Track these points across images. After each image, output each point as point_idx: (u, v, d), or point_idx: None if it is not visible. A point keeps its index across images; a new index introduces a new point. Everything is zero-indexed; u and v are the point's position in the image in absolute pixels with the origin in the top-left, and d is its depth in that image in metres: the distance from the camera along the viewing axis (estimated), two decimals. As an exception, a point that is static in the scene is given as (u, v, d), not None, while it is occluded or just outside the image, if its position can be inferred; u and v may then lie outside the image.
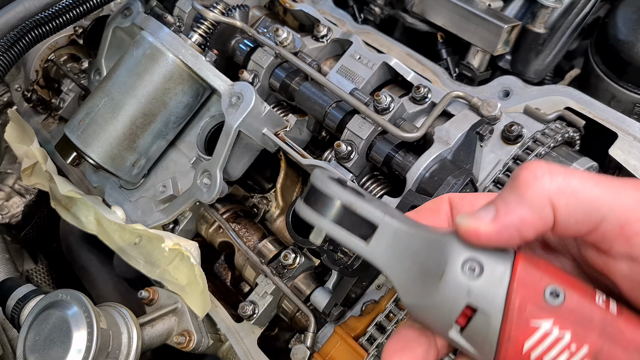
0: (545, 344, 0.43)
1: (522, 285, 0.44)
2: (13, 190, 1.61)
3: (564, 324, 0.42)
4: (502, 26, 1.05)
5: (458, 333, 0.46)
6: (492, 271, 0.45)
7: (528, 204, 0.43)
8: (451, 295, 0.45)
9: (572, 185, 0.43)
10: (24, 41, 0.98)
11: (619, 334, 0.42)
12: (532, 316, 0.43)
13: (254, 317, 1.02)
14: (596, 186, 0.43)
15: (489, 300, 0.44)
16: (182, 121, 1.12)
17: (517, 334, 0.43)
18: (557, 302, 0.43)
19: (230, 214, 1.12)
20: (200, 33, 1.13)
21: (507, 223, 0.44)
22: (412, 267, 0.48)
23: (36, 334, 0.89)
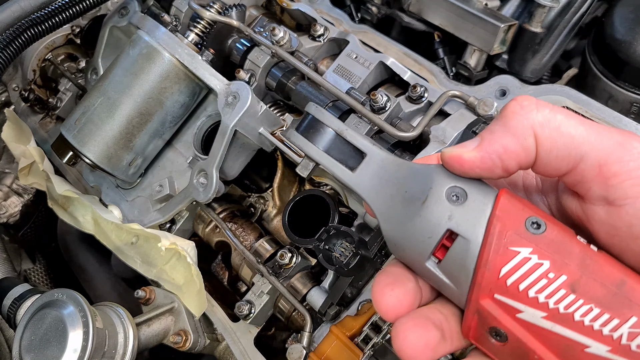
0: (523, 270, 0.43)
1: (504, 213, 0.44)
2: (11, 190, 1.61)
3: (543, 253, 0.43)
4: (499, 25, 1.05)
5: (435, 265, 0.46)
6: (475, 199, 0.45)
7: (512, 132, 0.44)
8: (433, 219, 0.46)
9: (556, 119, 0.43)
10: (19, 40, 0.98)
11: (598, 267, 0.42)
12: (512, 243, 0.43)
13: (251, 316, 1.02)
14: (580, 124, 0.43)
15: (470, 225, 0.44)
16: (178, 120, 1.12)
17: (495, 258, 0.43)
18: (538, 231, 0.43)
19: (227, 213, 1.12)
20: (196, 32, 1.13)
21: (490, 150, 0.44)
22: (395, 194, 0.48)
23: (32, 333, 0.89)
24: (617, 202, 0.41)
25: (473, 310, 0.45)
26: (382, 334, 0.89)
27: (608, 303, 0.40)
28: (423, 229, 0.46)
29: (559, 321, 0.41)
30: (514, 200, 0.45)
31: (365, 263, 0.91)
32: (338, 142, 0.50)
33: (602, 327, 0.40)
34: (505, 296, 0.43)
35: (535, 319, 0.42)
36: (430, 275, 0.47)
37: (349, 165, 0.50)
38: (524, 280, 0.42)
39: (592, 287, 0.41)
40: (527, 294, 0.42)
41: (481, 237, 0.44)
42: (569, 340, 0.41)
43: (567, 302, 0.41)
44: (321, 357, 0.91)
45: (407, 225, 0.47)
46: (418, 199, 0.47)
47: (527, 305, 0.42)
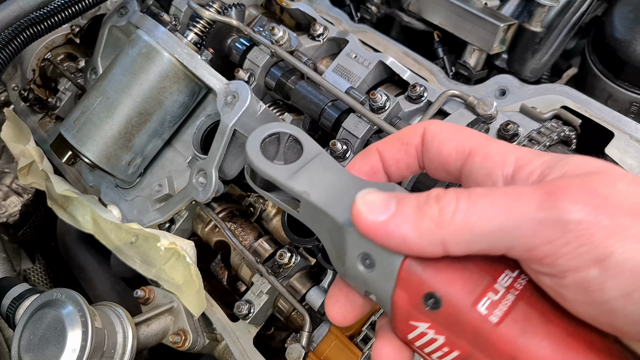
0: (423, 341, 0.46)
1: (404, 288, 0.46)
2: (10, 190, 1.61)
3: (438, 329, 0.45)
4: (499, 25, 1.05)
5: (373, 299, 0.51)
6: (381, 269, 0.47)
7: (418, 232, 0.43)
8: (353, 279, 0.50)
9: (471, 221, 0.42)
10: (18, 40, 0.98)
11: (489, 344, 0.43)
12: (412, 318, 0.46)
13: (250, 316, 1.02)
14: (496, 218, 0.42)
15: (380, 293, 0.48)
16: (177, 120, 1.12)
17: (401, 327, 0.47)
18: (434, 308, 0.45)
19: (226, 213, 1.12)
20: (196, 32, 1.13)
21: (394, 233, 0.44)
22: (330, 240, 0.51)
23: (31, 333, 0.89)
24: (559, 275, 0.41)
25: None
26: (382, 334, 0.89)
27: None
28: (351, 282, 0.51)
29: None
30: (415, 272, 0.46)
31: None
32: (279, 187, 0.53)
33: None
34: (416, 351, 0.49)
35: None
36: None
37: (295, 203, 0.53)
38: (426, 348, 0.46)
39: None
40: (430, 357, 0.47)
41: (389, 305, 0.47)
42: None
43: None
44: (320, 357, 0.91)
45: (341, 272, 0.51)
46: (342, 253, 0.49)
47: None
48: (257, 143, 0.52)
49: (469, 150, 0.49)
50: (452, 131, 0.51)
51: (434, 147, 0.51)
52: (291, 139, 0.54)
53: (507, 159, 0.46)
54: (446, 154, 0.50)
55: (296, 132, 0.53)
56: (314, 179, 0.51)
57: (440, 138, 0.51)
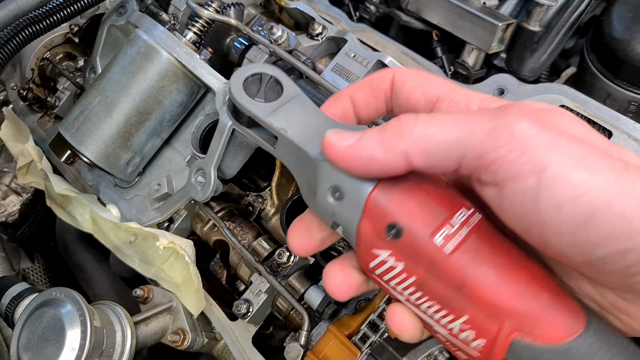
0: (384, 268, 0.51)
1: (369, 219, 0.50)
2: (9, 189, 1.61)
3: (399, 257, 0.50)
4: (497, 24, 1.05)
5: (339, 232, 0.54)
6: (349, 201, 0.50)
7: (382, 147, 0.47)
8: (322, 211, 0.53)
9: (429, 132, 0.46)
10: (17, 39, 0.98)
11: (442, 272, 0.48)
12: (374, 246, 0.50)
13: (249, 315, 1.02)
14: (451, 127, 0.46)
15: (347, 224, 0.51)
16: (176, 119, 1.12)
17: (364, 256, 0.52)
18: (396, 237, 0.49)
19: (225, 212, 1.12)
20: (194, 31, 1.13)
21: (360, 153, 0.48)
22: (303, 175, 0.55)
23: (30, 332, 0.89)
24: (501, 184, 0.45)
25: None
26: (380, 333, 0.89)
27: (447, 302, 0.49)
28: (320, 214, 0.54)
29: (413, 307, 0.52)
30: (380, 203, 0.50)
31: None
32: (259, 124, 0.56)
33: (441, 319, 0.50)
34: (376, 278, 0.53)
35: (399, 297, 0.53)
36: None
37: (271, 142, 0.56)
38: (385, 275, 0.51)
39: (435, 288, 0.49)
40: (389, 284, 0.52)
41: (354, 235, 0.51)
42: (423, 319, 0.52)
43: (416, 296, 0.50)
44: (319, 356, 0.91)
45: (311, 206, 0.55)
46: (313, 187, 0.53)
47: (390, 289, 0.52)
48: (240, 81, 0.55)
49: (436, 98, 0.52)
50: (421, 79, 0.54)
51: (402, 93, 0.54)
52: (272, 79, 0.57)
53: (471, 104, 0.51)
54: (415, 100, 0.54)
55: (277, 73, 0.57)
56: (291, 117, 0.54)
57: (408, 85, 0.54)
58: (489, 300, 0.47)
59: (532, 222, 0.44)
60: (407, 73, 0.55)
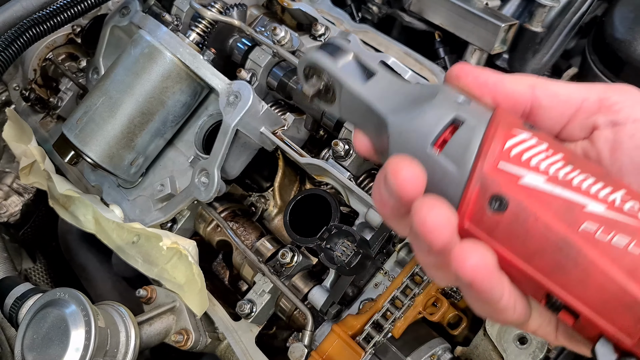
0: (525, 145, 0.46)
1: (503, 116, 0.48)
2: (11, 189, 1.61)
3: (542, 138, 0.47)
4: (500, 25, 1.05)
5: (437, 152, 0.48)
6: (477, 105, 0.49)
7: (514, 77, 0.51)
8: (442, 108, 0.49)
9: (551, 82, 0.51)
10: (21, 40, 0.98)
11: (587, 161, 0.47)
12: (514, 128, 0.47)
13: (252, 315, 1.02)
14: (571, 84, 0.52)
15: (475, 115, 0.48)
16: (180, 120, 1.12)
17: (501, 133, 0.47)
18: (533, 130, 0.48)
19: (228, 212, 1.13)
20: (198, 32, 1.13)
21: (489, 76, 0.51)
22: (404, 100, 0.51)
23: (34, 332, 0.89)
24: (621, 122, 0.49)
25: (475, 180, 0.47)
26: (384, 333, 0.90)
27: (602, 176, 0.45)
28: (431, 118, 0.49)
29: (560, 184, 0.45)
30: (510, 112, 0.50)
31: (366, 262, 0.92)
32: (352, 65, 0.54)
33: (599, 191, 0.44)
34: (510, 163, 0.46)
35: (537, 182, 0.45)
36: (432, 162, 0.48)
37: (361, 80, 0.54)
38: (526, 152, 0.46)
39: (586, 165, 0.46)
40: (529, 163, 0.46)
41: (486, 122, 0.48)
42: (569, 201, 0.44)
43: (566, 170, 0.45)
44: (323, 356, 0.92)
45: (414, 114, 0.49)
46: (427, 97, 0.50)
47: (530, 171, 0.45)
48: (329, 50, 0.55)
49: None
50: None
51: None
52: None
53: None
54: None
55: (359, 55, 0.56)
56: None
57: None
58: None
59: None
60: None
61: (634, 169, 0.48)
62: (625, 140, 0.48)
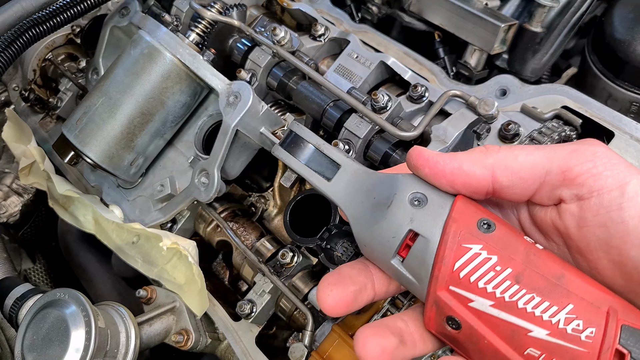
0: (473, 264, 0.48)
1: (459, 215, 0.50)
2: (11, 190, 1.61)
3: (491, 249, 0.48)
4: (499, 25, 1.05)
5: (400, 262, 0.52)
6: (434, 203, 0.51)
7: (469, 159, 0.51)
8: (396, 221, 0.51)
9: (514, 153, 0.50)
10: (21, 40, 0.98)
11: (541, 262, 0.47)
12: (465, 241, 0.49)
13: (252, 315, 1.02)
14: (536, 150, 0.50)
15: (429, 226, 0.50)
16: (179, 120, 1.12)
17: (450, 254, 0.49)
18: (488, 231, 0.49)
19: (228, 212, 1.13)
20: (197, 32, 1.13)
21: (447, 165, 0.51)
22: (365, 200, 0.54)
23: (34, 333, 0.89)
24: (585, 196, 0.48)
25: (432, 301, 0.51)
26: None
27: (548, 293, 0.46)
28: (388, 230, 0.52)
29: (505, 309, 0.46)
30: (469, 204, 0.51)
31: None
32: (316, 156, 0.58)
33: (543, 313, 0.45)
34: (459, 287, 0.49)
35: (484, 307, 0.47)
36: (396, 272, 0.53)
37: (325, 176, 0.57)
38: (474, 273, 0.48)
39: (535, 279, 0.47)
40: (477, 285, 0.47)
41: (438, 236, 0.50)
42: (514, 326, 0.46)
43: (512, 291, 0.46)
44: (323, 356, 0.92)
45: (374, 227, 0.53)
46: (384, 204, 0.53)
47: (477, 295, 0.48)
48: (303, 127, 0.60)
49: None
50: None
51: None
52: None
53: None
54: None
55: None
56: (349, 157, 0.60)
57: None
58: (592, 287, 0.46)
59: (615, 232, 0.47)
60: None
61: (600, 246, 0.48)
62: (590, 217, 0.48)
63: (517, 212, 0.56)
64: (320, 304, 0.55)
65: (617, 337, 0.44)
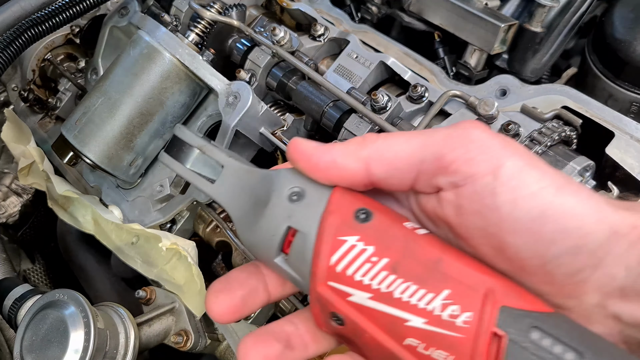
0: (349, 257, 0.47)
1: (335, 207, 0.49)
2: (10, 190, 1.61)
3: (368, 240, 0.47)
4: (499, 25, 1.05)
5: (283, 260, 0.51)
6: (311, 197, 0.50)
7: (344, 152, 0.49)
8: (275, 219, 0.50)
9: (390, 142, 0.49)
10: (20, 40, 0.98)
11: (419, 248, 0.46)
12: (340, 233, 0.47)
13: (252, 316, 1.02)
14: (410, 139, 0.49)
15: (306, 221, 0.49)
16: (179, 120, 1.12)
17: (326, 248, 0.47)
18: (365, 221, 0.48)
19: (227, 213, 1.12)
20: (197, 32, 1.13)
21: (322, 158, 0.49)
22: (248, 201, 0.53)
23: (33, 334, 0.89)
24: (460, 184, 0.46)
25: (314, 298, 0.50)
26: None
27: (425, 280, 0.45)
28: (268, 229, 0.51)
29: (382, 300, 0.46)
30: (347, 195, 0.50)
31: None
32: (201, 158, 0.55)
33: (418, 301, 0.45)
34: (337, 282, 0.47)
35: (362, 300, 0.47)
36: (282, 271, 0.52)
37: (210, 179, 0.55)
38: (350, 266, 0.47)
39: (411, 266, 0.46)
40: (353, 278, 0.47)
41: (315, 230, 0.48)
42: (392, 317, 0.45)
43: (388, 282, 0.46)
44: (322, 357, 0.91)
45: (255, 227, 0.51)
46: (263, 202, 0.51)
47: (355, 289, 0.47)
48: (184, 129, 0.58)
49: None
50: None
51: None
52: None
53: None
54: None
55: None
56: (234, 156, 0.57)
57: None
58: (470, 269, 0.45)
59: (490, 219, 0.45)
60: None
61: (479, 233, 0.46)
62: (466, 205, 0.46)
63: (407, 200, 0.54)
64: (209, 312, 0.54)
65: (495, 319, 0.42)
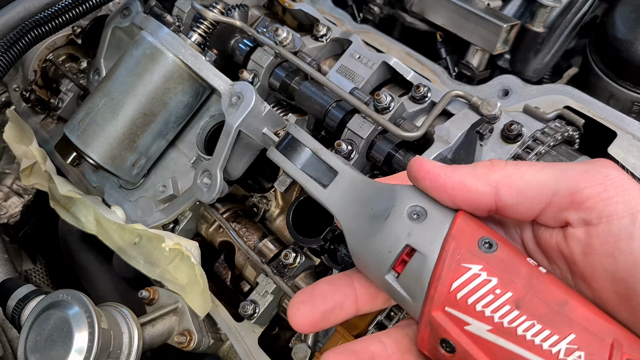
0: (472, 285, 0.46)
1: (459, 232, 0.47)
2: (11, 191, 1.61)
3: (492, 271, 0.46)
4: (502, 25, 1.05)
5: (394, 278, 0.50)
6: (434, 218, 0.49)
7: (472, 175, 0.48)
8: (393, 235, 0.49)
9: (521, 170, 0.48)
10: (23, 41, 0.98)
11: (543, 287, 0.45)
12: (464, 260, 0.46)
13: (255, 316, 1.02)
14: (545, 168, 0.48)
15: (427, 242, 0.48)
16: (182, 121, 1.12)
17: (448, 273, 0.46)
18: (490, 251, 0.46)
19: (230, 213, 1.12)
20: (199, 33, 1.13)
21: (450, 178, 0.49)
22: (361, 211, 0.52)
23: (37, 334, 0.89)
24: (594, 222, 0.45)
25: (426, 322, 0.48)
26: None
27: (550, 320, 0.43)
28: (384, 244, 0.50)
29: (503, 335, 0.44)
30: (470, 221, 0.49)
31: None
32: (313, 161, 0.55)
33: (543, 342, 0.43)
34: (455, 309, 0.46)
35: (480, 331, 0.45)
36: (390, 288, 0.50)
37: (322, 183, 0.55)
38: (473, 295, 0.45)
39: (536, 304, 0.44)
40: (474, 308, 0.45)
41: (436, 254, 0.47)
42: (511, 353, 0.44)
43: (511, 317, 0.44)
44: (326, 357, 0.91)
45: (369, 240, 0.50)
46: (381, 215, 0.50)
47: (474, 318, 0.45)
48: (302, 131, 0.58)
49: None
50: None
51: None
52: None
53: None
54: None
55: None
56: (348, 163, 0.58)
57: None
58: (597, 317, 0.44)
59: (622, 264, 0.44)
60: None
61: (606, 276, 0.45)
62: (597, 245, 0.45)
63: (520, 232, 0.53)
64: (289, 321, 0.54)
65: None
